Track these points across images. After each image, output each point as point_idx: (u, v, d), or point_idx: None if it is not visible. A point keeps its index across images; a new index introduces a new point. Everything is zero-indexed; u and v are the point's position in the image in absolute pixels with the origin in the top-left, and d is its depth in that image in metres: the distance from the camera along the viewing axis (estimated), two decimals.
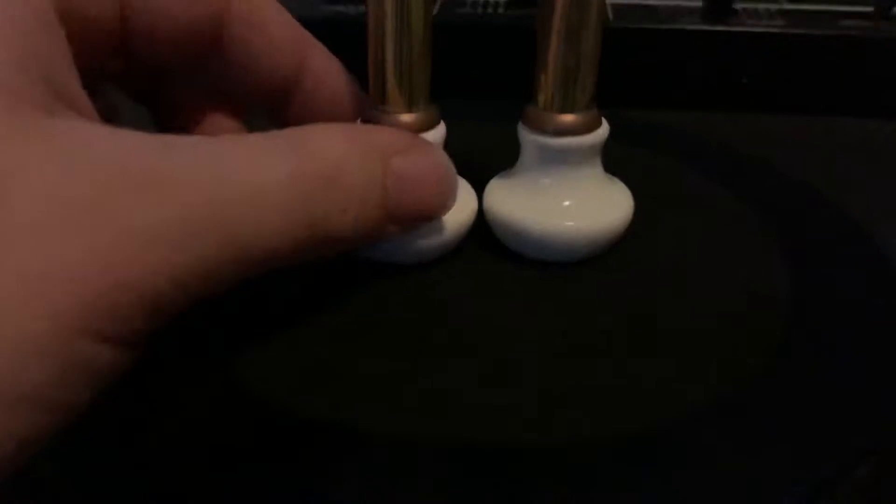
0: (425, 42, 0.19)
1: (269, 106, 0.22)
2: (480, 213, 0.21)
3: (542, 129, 0.20)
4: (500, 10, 0.37)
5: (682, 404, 0.17)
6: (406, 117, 0.19)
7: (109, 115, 0.19)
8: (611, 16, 0.36)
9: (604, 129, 0.20)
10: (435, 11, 0.37)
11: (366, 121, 0.20)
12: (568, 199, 0.20)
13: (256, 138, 0.15)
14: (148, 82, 0.21)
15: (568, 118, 0.20)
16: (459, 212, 0.21)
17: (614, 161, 0.21)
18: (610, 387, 0.17)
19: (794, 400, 0.17)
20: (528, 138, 0.20)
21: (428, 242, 0.20)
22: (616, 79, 0.35)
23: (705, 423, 0.16)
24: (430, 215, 0.19)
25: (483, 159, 0.22)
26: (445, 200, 0.19)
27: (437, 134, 0.20)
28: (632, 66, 0.36)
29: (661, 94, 0.36)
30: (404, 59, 0.19)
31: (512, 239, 0.21)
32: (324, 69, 0.21)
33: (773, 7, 0.37)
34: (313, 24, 0.37)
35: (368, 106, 0.20)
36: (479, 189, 0.22)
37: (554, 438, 0.16)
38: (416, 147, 0.18)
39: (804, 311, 0.19)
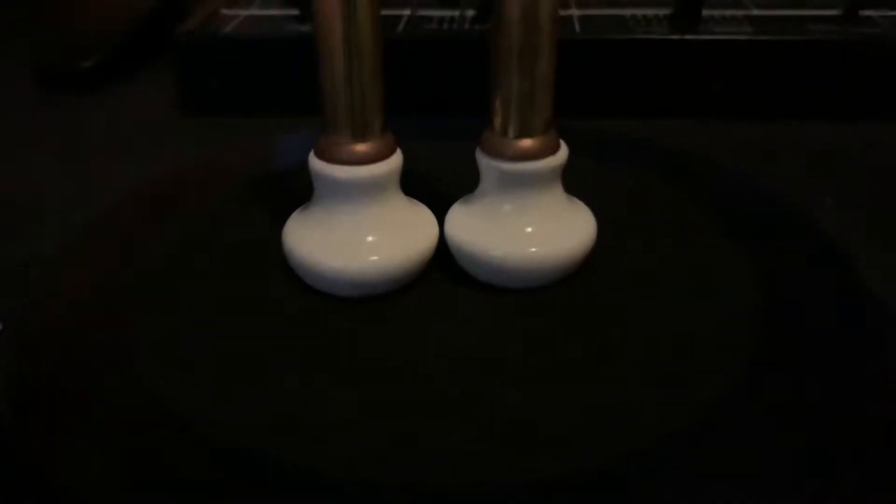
0: (376, 71, 0.19)
1: None
2: (442, 238, 0.21)
3: (500, 155, 0.20)
4: (466, 26, 0.36)
5: (650, 434, 0.16)
6: (359, 147, 0.19)
7: None
8: (577, 27, 0.36)
9: (563, 153, 0.20)
10: (401, 28, 0.36)
11: (320, 150, 0.20)
12: (530, 226, 0.20)
13: None
14: None
15: (525, 143, 0.19)
16: (421, 240, 0.20)
17: (581, 176, 0.21)
18: (576, 418, 0.17)
19: (764, 428, 0.17)
20: (487, 164, 0.20)
21: (390, 272, 0.20)
22: (586, 89, 0.35)
23: (676, 452, 0.16)
24: None
25: (445, 181, 0.22)
26: None
27: (393, 163, 0.20)
28: (601, 77, 0.35)
29: (630, 103, 0.36)
30: (355, 88, 0.19)
31: (474, 266, 0.21)
32: None
33: (741, 13, 0.37)
34: (283, 44, 0.37)
35: (322, 137, 0.20)
36: (441, 212, 0.21)
37: (519, 477, 0.15)
38: None
39: (774, 332, 0.19)
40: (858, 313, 0.20)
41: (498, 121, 0.20)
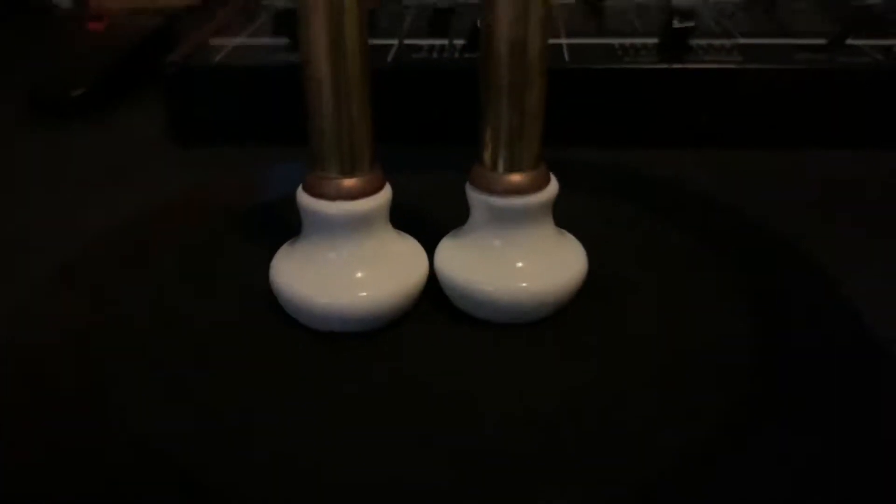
0: (364, 106, 0.19)
1: None
2: (432, 272, 0.21)
3: (489, 190, 0.20)
4: (456, 55, 0.36)
5: (646, 471, 0.16)
6: (347, 182, 0.19)
7: None
8: (567, 56, 0.36)
9: (553, 187, 0.20)
10: (390, 58, 0.36)
11: (309, 185, 0.19)
12: (520, 261, 0.20)
13: None
14: None
15: (515, 178, 0.19)
16: (410, 275, 0.20)
17: (571, 208, 0.21)
18: (568, 456, 0.17)
19: (762, 467, 0.16)
20: (477, 199, 0.20)
21: (379, 308, 0.19)
22: (574, 118, 0.35)
23: (671, 491, 0.16)
24: None
25: (434, 214, 0.22)
26: None
27: (382, 198, 0.20)
28: (590, 106, 0.36)
29: (619, 132, 0.36)
30: (343, 123, 0.18)
31: (465, 301, 0.20)
32: None
33: (729, 42, 0.37)
34: (272, 73, 0.37)
35: (310, 172, 0.19)
36: (431, 245, 0.21)
37: None
38: None
39: (767, 358, 0.19)
40: (854, 351, 0.20)
41: (487, 155, 0.20)
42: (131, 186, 0.33)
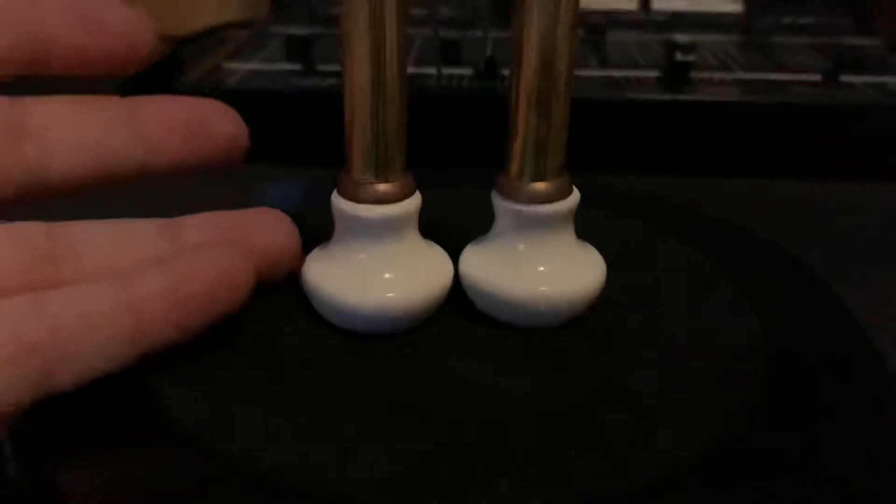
0: (401, 111, 0.19)
1: None
2: (457, 279, 0.21)
3: (515, 198, 0.20)
4: (466, 83, 0.38)
5: (658, 471, 0.17)
6: (382, 187, 0.20)
7: None
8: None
9: (575, 196, 0.21)
10: None
11: (343, 189, 0.20)
12: (542, 265, 0.21)
13: None
14: None
15: (540, 186, 0.20)
16: (437, 278, 0.21)
17: (586, 226, 0.22)
18: (587, 455, 0.17)
19: (770, 465, 0.17)
20: (502, 206, 0.21)
21: (406, 309, 0.20)
22: (576, 147, 0.36)
23: (682, 489, 0.16)
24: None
25: (457, 225, 0.22)
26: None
27: (413, 203, 0.20)
28: (592, 135, 0.37)
29: (620, 161, 0.37)
30: (380, 130, 0.19)
31: (488, 304, 0.21)
32: None
33: (729, 77, 0.39)
34: (288, 98, 0.37)
35: (345, 176, 0.20)
36: (455, 253, 0.22)
37: None
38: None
39: (776, 373, 0.20)
40: (858, 360, 0.21)
41: (514, 164, 0.20)
42: (142, 207, 0.34)
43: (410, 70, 0.39)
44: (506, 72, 0.37)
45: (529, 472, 0.17)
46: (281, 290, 0.22)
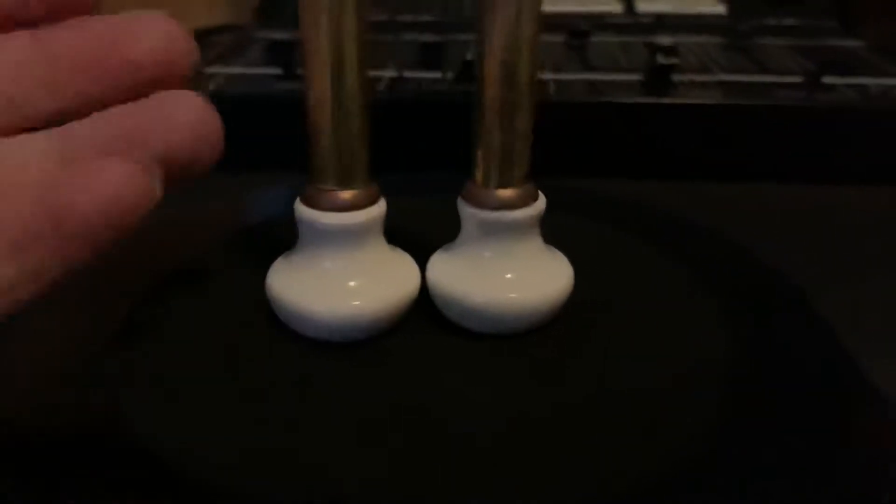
0: (363, 119, 0.19)
1: None
2: (425, 287, 0.21)
3: (481, 205, 0.20)
4: (447, 87, 0.37)
5: (631, 477, 0.17)
6: (344, 195, 0.20)
7: None
8: (552, 90, 0.37)
9: (541, 202, 0.21)
10: (382, 88, 0.37)
11: (307, 197, 0.20)
12: (510, 272, 0.21)
13: None
14: None
15: (506, 193, 0.20)
16: (403, 285, 0.21)
17: (555, 230, 0.22)
18: (555, 462, 0.17)
19: (742, 468, 0.17)
20: (469, 213, 0.21)
21: (372, 316, 0.20)
22: (558, 150, 0.36)
23: (655, 496, 0.16)
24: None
25: (425, 233, 0.22)
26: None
27: (376, 210, 0.20)
28: (574, 139, 0.37)
29: (601, 164, 0.36)
30: (342, 136, 0.19)
31: (455, 312, 0.21)
32: None
33: (711, 79, 0.38)
34: (270, 102, 0.37)
35: (308, 185, 0.20)
36: (423, 261, 0.22)
37: None
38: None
39: (745, 377, 0.19)
40: (827, 361, 0.20)
41: (480, 173, 0.20)
42: None
43: (389, 74, 0.39)
44: None
45: (496, 479, 0.16)
46: (246, 300, 0.22)
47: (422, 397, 0.19)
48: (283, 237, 0.22)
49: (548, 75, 0.39)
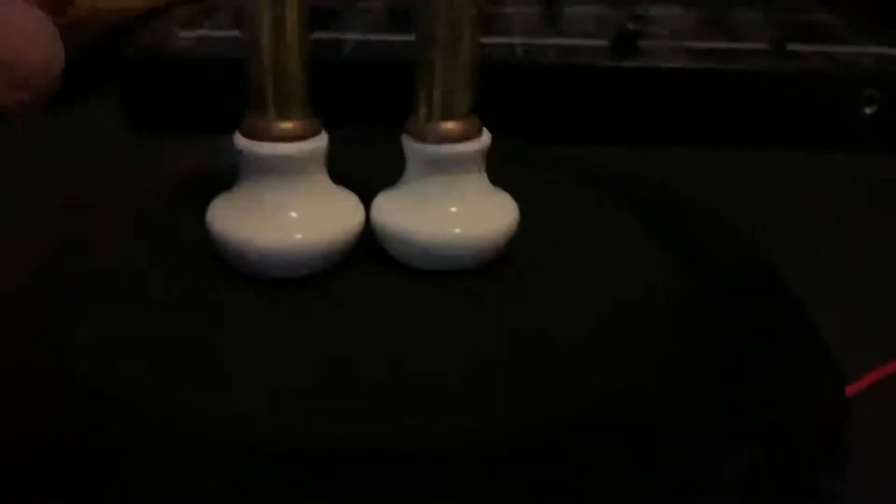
0: (302, 49, 0.19)
1: None
2: (369, 229, 0.21)
3: (424, 138, 0.20)
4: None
5: (562, 411, 0.16)
6: (283, 125, 0.19)
7: None
8: (520, 53, 0.37)
9: (486, 138, 0.20)
10: (347, 52, 0.37)
11: (245, 127, 0.20)
12: (454, 206, 0.20)
13: None
14: None
15: (449, 126, 0.20)
16: (346, 220, 0.20)
17: (505, 180, 0.22)
18: (491, 395, 0.17)
19: (674, 404, 0.17)
20: (412, 148, 0.20)
21: (314, 250, 0.20)
22: (524, 114, 0.36)
23: (585, 428, 0.16)
24: None
25: (373, 177, 0.22)
26: None
27: (317, 143, 0.20)
28: (539, 102, 0.36)
29: (566, 128, 0.36)
30: (280, 66, 0.19)
31: (399, 248, 0.21)
32: None
33: (678, 44, 0.38)
34: (234, 64, 0.37)
35: (247, 116, 0.20)
36: (370, 203, 0.21)
37: (432, 444, 0.15)
38: None
39: (686, 320, 0.19)
40: (770, 309, 0.20)
41: (422, 107, 0.20)
42: (86, 174, 0.34)
43: (358, 37, 0.39)
44: None
45: (423, 406, 0.16)
46: (189, 238, 0.21)
47: (354, 333, 0.19)
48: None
49: (515, 38, 0.39)
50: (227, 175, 0.21)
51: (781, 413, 0.17)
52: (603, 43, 0.38)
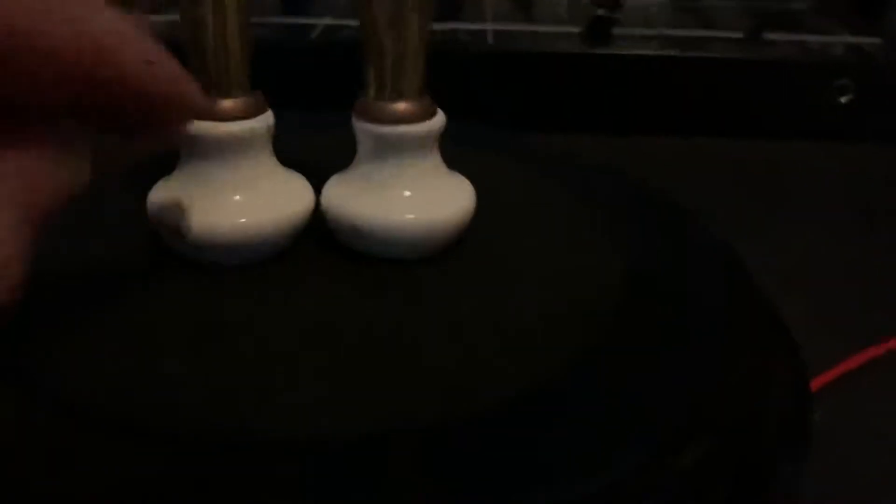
0: (242, 25, 0.18)
1: None
2: (320, 215, 0.20)
3: (375, 119, 0.19)
4: None
5: (507, 391, 0.16)
6: (225, 103, 0.18)
7: None
8: (491, 40, 0.36)
9: (440, 119, 0.20)
10: (315, 35, 0.36)
11: None
12: (407, 191, 0.20)
13: None
14: None
15: (400, 106, 0.19)
16: (294, 205, 0.20)
17: (458, 164, 0.21)
18: (434, 379, 0.16)
19: (616, 386, 0.16)
20: (363, 130, 0.20)
21: (258, 235, 0.19)
22: (496, 101, 0.35)
23: (527, 409, 0.15)
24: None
25: (324, 162, 0.21)
26: None
27: (262, 122, 0.19)
28: (512, 89, 0.36)
29: (538, 115, 0.36)
30: (219, 40, 0.18)
31: (351, 235, 0.20)
32: None
33: (651, 32, 0.38)
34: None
35: None
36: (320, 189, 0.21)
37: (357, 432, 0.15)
38: None
39: (631, 301, 0.19)
40: (715, 292, 0.20)
41: (372, 86, 0.19)
42: None
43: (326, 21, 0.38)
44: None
45: (354, 397, 0.15)
46: (130, 221, 0.20)
47: (293, 320, 0.18)
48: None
49: (487, 25, 0.38)
50: (169, 158, 0.20)
51: (740, 405, 0.16)
52: (575, 30, 0.38)
